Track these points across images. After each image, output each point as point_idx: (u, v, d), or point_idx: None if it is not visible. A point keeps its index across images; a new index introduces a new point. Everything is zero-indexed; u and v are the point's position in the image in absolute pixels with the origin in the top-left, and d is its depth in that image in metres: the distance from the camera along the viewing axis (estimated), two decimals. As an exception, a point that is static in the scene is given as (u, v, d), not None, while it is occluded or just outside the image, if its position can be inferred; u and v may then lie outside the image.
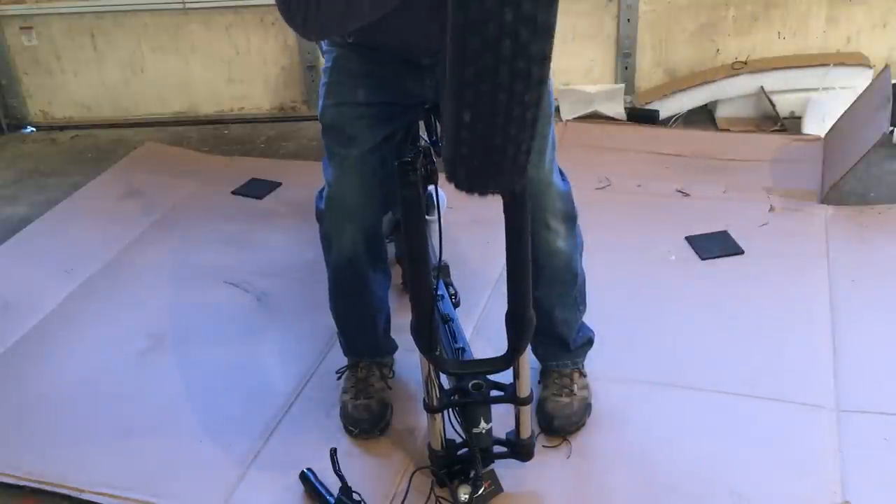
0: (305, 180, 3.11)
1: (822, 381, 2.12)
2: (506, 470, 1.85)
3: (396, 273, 2.46)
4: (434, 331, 1.68)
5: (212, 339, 2.44)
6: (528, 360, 1.76)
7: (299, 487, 1.90)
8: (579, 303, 2.02)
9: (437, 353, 1.72)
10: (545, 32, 1.14)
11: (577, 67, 3.77)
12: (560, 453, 1.97)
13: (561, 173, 1.88)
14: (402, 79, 1.79)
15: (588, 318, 2.09)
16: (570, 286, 1.96)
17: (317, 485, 1.88)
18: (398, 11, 1.45)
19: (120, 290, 2.71)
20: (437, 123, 1.89)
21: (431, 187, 1.76)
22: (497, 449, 1.81)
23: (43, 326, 2.54)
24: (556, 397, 2.02)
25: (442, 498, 1.83)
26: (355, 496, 1.82)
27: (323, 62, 1.92)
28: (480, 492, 1.75)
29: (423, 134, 1.93)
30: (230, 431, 2.09)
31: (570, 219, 1.89)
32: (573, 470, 1.93)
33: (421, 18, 1.57)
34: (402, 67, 1.78)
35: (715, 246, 2.70)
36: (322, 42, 1.93)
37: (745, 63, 3.64)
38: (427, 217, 1.73)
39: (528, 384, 1.75)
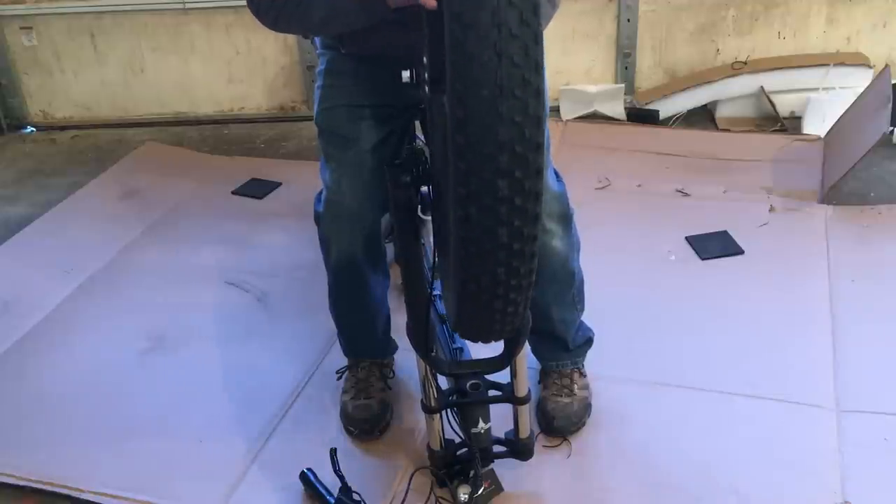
0: (305, 180, 3.11)
1: (822, 381, 2.12)
2: (506, 470, 1.85)
3: (396, 274, 2.44)
4: (429, 332, 1.68)
5: (212, 339, 2.44)
6: (526, 359, 1.75)
7: (299, 487, 1.90)
8: (577, 302, 2.02)
9: (434, 353, 1.72)
10: (534, 220, 1.25)
11: (577, 67, 3.76)
12: (560, 453, 1.97)
13: (556, 173, 1.88)
14: (396, 81, 1.79)
15: (588, 318, 2.09)
16: (568, 285, 1.96)
17: (317, 485, 1.88)
18: (385, 23, 1.45)
19: (120, 290, 2.71)
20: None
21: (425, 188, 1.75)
22: (497, 448, 1.81)
23: (43, 326, 2.54)
24: (556, 397, 2.02)
25: (442, 498, 1.83)
26: (355, 496, 1.83)
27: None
28: (480, 491, 1.74)
29: (419, 134, 1.92)
30: (230, 431, 2.09)
31: (566, 218, 1.89)
32: (573, 470, 1.93)
33: (409, 30, 1.56)
34: (395, 70, 1.77)
35: (715, 246, 2.70)
36: (316, 41, 1.93)
37: (745, 63, 3.64)
38: (423, 217, 1.73)
39: (525, 383, 1.75)
